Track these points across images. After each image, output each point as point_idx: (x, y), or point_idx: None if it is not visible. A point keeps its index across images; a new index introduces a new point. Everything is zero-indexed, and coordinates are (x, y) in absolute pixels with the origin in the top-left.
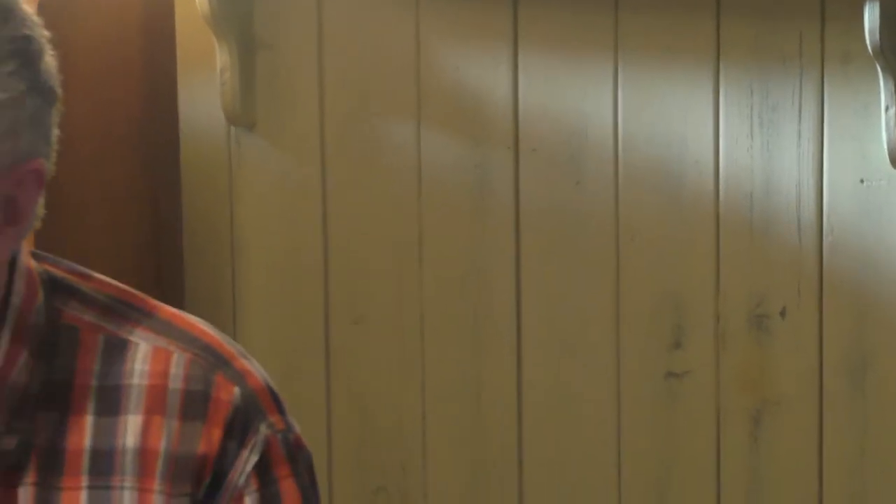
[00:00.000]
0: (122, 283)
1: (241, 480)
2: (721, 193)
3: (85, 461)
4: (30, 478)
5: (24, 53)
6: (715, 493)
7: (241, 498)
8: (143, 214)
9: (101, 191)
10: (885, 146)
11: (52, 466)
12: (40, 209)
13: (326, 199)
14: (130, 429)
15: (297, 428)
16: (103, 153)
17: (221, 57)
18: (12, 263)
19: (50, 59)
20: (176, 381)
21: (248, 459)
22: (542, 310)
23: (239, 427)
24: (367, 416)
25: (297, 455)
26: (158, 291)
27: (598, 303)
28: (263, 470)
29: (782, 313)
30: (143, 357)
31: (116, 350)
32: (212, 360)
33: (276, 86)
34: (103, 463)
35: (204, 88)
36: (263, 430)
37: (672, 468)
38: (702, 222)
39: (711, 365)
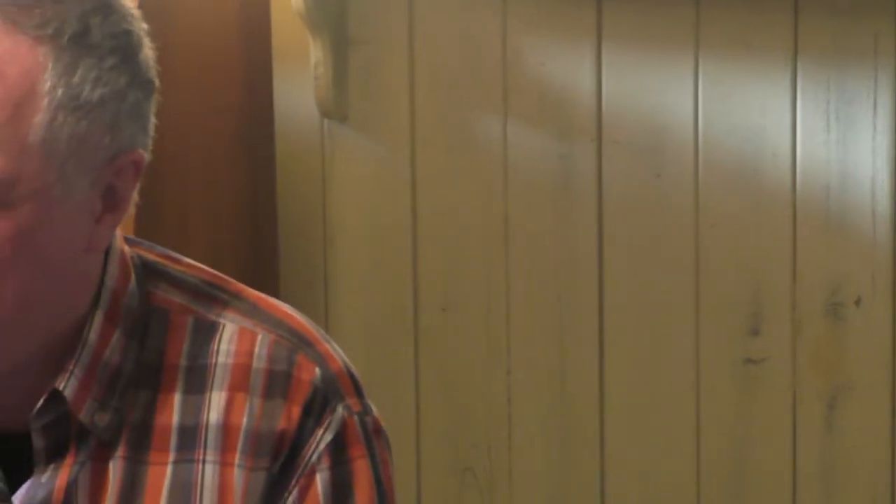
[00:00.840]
0: (220, 270)
1: (314, 458)
2: (798, 185)
3: (172, 437)
4: (120, 452)
5: (125, 48)
6: (791, 475)
7: (312, 474)
8: (240, 205)
9: (200, 181)
10: None
11: (142, 442)
12: (135, 197)
13: (416, 190)
14: (214, 405)
15: (376, 411)
16: (201, 145)
17: (315, 52)
18: (107, 248)
19: (148, 51)
20: (260, 361)
21: (322, 438)
22: (624, 297)
23: (317, 406)
24: (454, 399)
25: (374, 438)
26: (254, 279)
27: (678, 290)
28: (337, 449)
29: (857, 302)
30: (229, 337)
31: (204, 331)
32: (295, 342)
33: (369, 80)
34: (188, 438)
35: (298, 82)
36: (340, 410)
37: (749, 452)
38: (779, 213)
39: (788, 351)
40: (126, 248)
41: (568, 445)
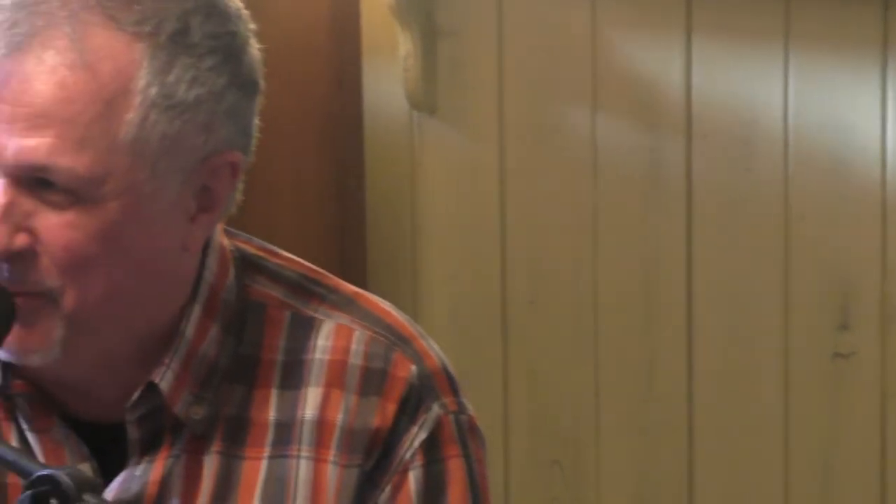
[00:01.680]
0: (308, 261)
1: (408, 455)
2: (887, 179)
3: (269, 432)
4: (215, 446)
5: (227, 48)
6: (879, 470)
7: (405, 472)
8: (329, 196)
9: (290, 173)
10: None
11: (237, 436)
12: (238, 195)
13: (504, 182)
14: (310, 401)
15: (472, 411)
16: (290, 138)
17: (405, 44)
18: (206, 242)
19: (253, 52)
20: (356, 358)
21: (416, 435)
22: (712, 290)
23: (412, 404)
24: (542, 392)
25: (468, 437)
26: (342, 270)
27: (767, 284)
28: (431, 447)
29: None
30: (326, 333)
31: (301, 326)
32: (392, 339)
33: (457, 72)
34: (283, 433)
35: (387, 75)
36: (435, 409)
37: (837, 446)
38: (869, 207)
39: (877, 346)
40: (225, 241)
41: (655, 439)
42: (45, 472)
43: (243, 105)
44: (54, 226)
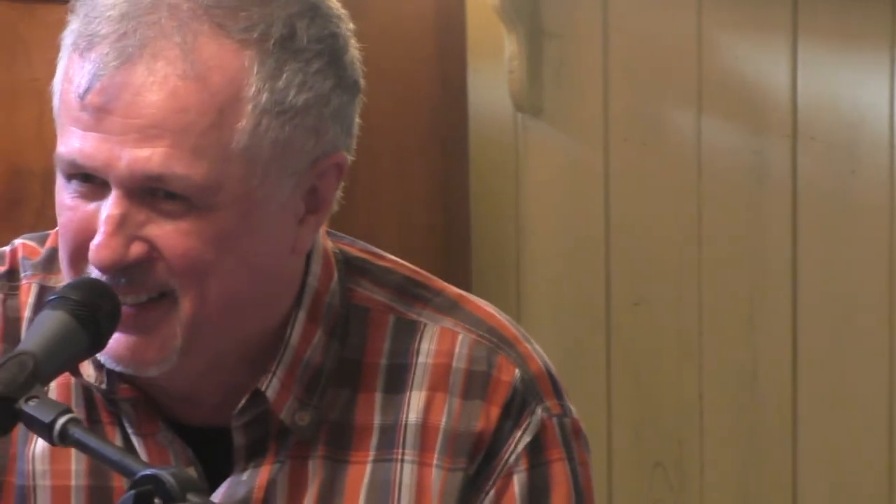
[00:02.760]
0: (411, 263)
1: (512, 459)
2: None
3: (373, 436)
4: (319, 451)
5: (331, 51)
6: None
7: (509, 475)
8: (433, 197)
9: (392, 174)
10: None
11: (342, 441)
12: (338, 196)
13: (609, 184)
14: (413, 405)
15: (576, 414)
16: (395, 138)
17: (510, 46)
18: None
19: (354, 52)
20: (460, 361)
21: (520, 439)
22: (817, 292)
23: (516, 408)
24: (645, 394)
25: (572, 440)
26: (446, 272)
27: (873, 286)
28: (535, 451)
29: None
30: (429, 337)
31: (405, 330)
32: (495, 342)
33: (562, 73)
34: (387, 437)
35: (492, 76)
36: (539, 412)
37: None
38: None
39: None
40: (329, 244)
41: (759, 442)
42: (148, 471)
43: (347, 106)
44: (170, 234)
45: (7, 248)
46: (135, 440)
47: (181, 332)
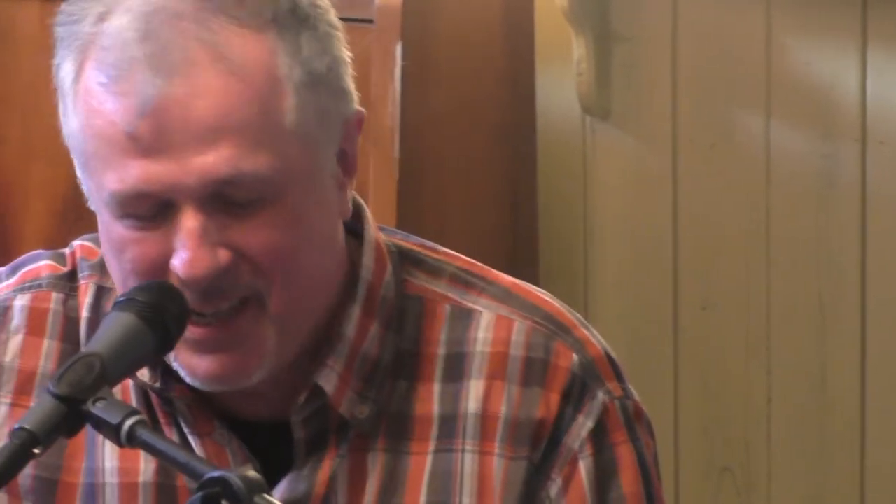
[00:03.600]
0: (480, 262)
1: (576, 445)
2: None
3: (433, 427)
4: (379, 443)
5: (325, 11)
6: None
7: (575, 462)
8: (501, 199)
9: (462, 173)
10: None
11: (402, 432)
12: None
13: (677, 187)
14: (472, 394)
15: (636, 395)
16: (463, 140)
17: (578, 49)
18: (359, 237)
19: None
20: (517, 349)
21: (583, 424)
22: (886, 296)
23: (576, 393)
24: (713, 397)
25: (635, 422)
26: (514, 273)
27: None
28: (599, 435)
29: None
30: (486, 325)
31: (461, 319)
32: (552, 329)
33: (631, 77)
34: (447, 427)
35: (561, 78)
36: (601, 396)
37: None
38: None
39: None
40: (381, 237)
41: (827, 446)
42: (216, 473)
43: (348, 58)
44: (250, 233)
45: (67, 250)
46: (191, 439)
47: (273, 331)
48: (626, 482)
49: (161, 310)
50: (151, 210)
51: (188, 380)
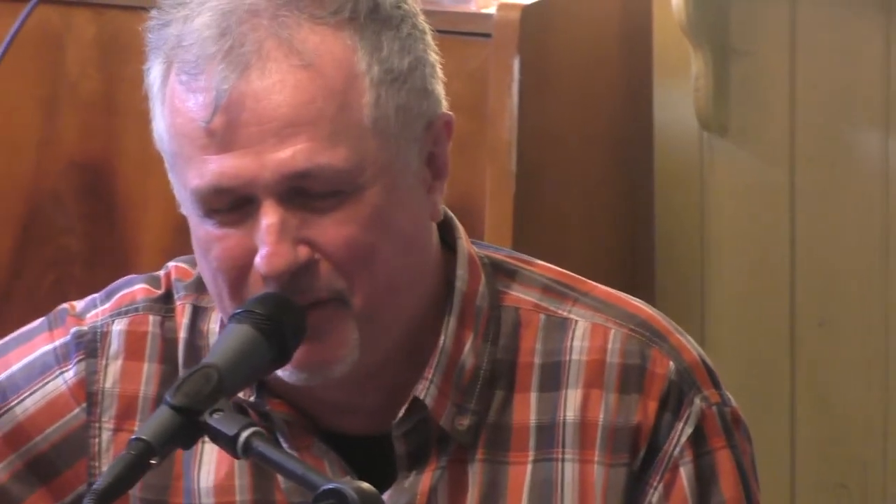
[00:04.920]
0: (596, 279)
1: (676, 451)
2: None
3: (531, 436)
4: (479, 454)
5: (408, 14)
6: None
7: (675, 468)
8: (618, 214)
9: (579, 188)
10: None
11: (500, 442)
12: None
13: (794, 203)
14: (570, 402)
15: (734, 402)
16: (580, 153)
17: (696, 64)
18: (453, 250)
19: (415, 7)
20: (613, 356)
21: (682, 431)
22: None
23: (674, 399)
24: (830, 414)
25: (734, 427)
26: (631, 288)
27: None
28: (698, 441)
29: None
30: (581, 334)
31: (556, 328)
32: (648, 336)
33: (749, 92)
34: (546, 436)
35: (678, 93)
36: (698, 402)
37: None
38: None
39: None
40: (473, 250)
41: None
42: (331, 485)
43: (437, 64)
44: (328, 229)
45: (161, 272)
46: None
47: (356, 326)
48: (727, 487)
49: (278, 322)
50: (232, 206)
51: (279, 373)
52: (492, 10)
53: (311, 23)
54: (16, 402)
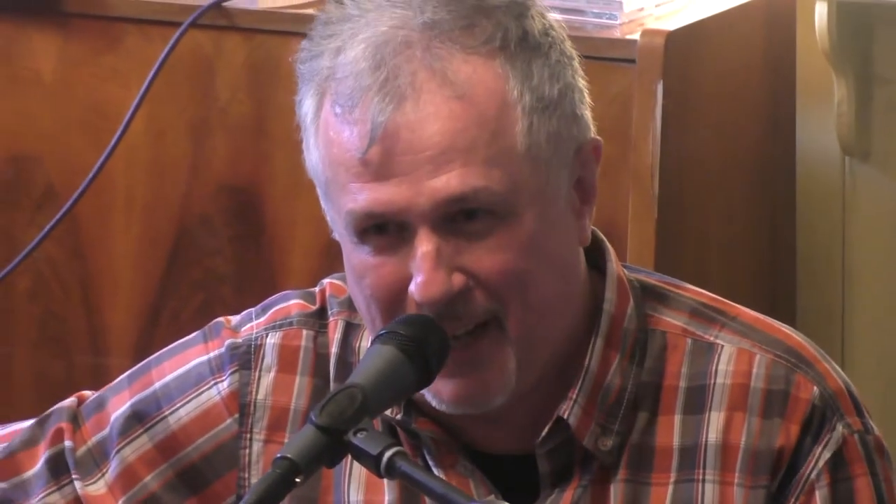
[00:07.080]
0: (737, 302)
1: (813, 474)
2: None
3: (674, 458)
4: (621, 474)
5: (556, 40)
6: None
7: (811, 491)
8: (760, 237)
9: (722, 212)
10: None
11: (643, 463)
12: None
13: None
14: (713, 425)
15: (878, 432)
16: (724, 176)
17: (839, 90)
18: (602, 273)
19: (563, 34)
20: (758, 381)
21: (820, 455)
22: None
23: (816, 424)
24: None
25: (877, 455)
26: (772, 311)
27: None
28: (837, 466)
29: None
30: (727, 358)
31: (702, 352)
32: (793, 361)
33: (892, 118)
34: (688, 458)
35: (821, 119)
36: (840, 429)
37: None
38: None
39: None
40: (623, 272)
41: None
42: None
43: (585, 90)
44: (483, 255)
45: (316, 288)
46: (436, 472)
47: (514, 353)
48: None
49: (422, 343)
50: (386, 232)
51: (434, 403)
52: (636, 36)
53: (464, 53)
54: (170, 411)
